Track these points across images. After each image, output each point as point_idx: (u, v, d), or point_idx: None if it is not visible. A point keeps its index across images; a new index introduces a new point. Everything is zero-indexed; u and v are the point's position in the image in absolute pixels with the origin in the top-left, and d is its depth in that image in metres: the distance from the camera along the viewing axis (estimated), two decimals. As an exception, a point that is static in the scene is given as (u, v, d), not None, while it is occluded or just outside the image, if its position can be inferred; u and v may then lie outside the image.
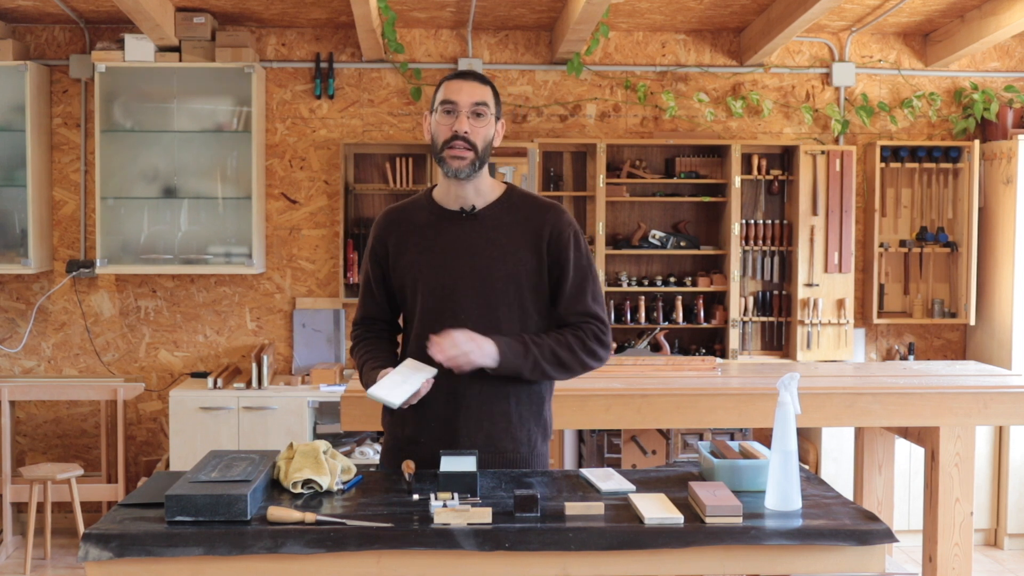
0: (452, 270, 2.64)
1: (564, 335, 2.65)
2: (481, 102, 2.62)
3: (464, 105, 2.60)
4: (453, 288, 2.63)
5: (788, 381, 2.37)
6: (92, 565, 2.14)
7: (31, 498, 4.95)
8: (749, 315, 5.64)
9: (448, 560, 2.17)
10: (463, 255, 2.64)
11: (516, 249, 2.64)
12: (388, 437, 2.77)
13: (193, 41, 5.31)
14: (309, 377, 5.40)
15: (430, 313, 2.65)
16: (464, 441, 2.63)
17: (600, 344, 2.67)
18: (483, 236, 2.65)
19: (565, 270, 2.65)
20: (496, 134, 2.68)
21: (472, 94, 2.61)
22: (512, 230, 2.65)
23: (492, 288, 2.63)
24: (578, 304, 2.67)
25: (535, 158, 5.39)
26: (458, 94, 2.61)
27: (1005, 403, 3.86)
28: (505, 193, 2.71)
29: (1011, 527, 5.38)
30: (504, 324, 2.62)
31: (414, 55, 5.66)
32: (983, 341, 5.67)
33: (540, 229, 2.65)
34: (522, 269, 2.64)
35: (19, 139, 5.29)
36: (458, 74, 2.66)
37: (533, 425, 2.71)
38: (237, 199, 5.38)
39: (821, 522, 2.26)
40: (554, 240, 2.65)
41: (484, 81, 2.66)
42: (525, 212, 2.67)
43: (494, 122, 2.65)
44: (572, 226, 2.69)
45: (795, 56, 5.77)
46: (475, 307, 2.62)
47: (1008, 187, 5.44)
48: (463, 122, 2.59)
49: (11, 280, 5.60)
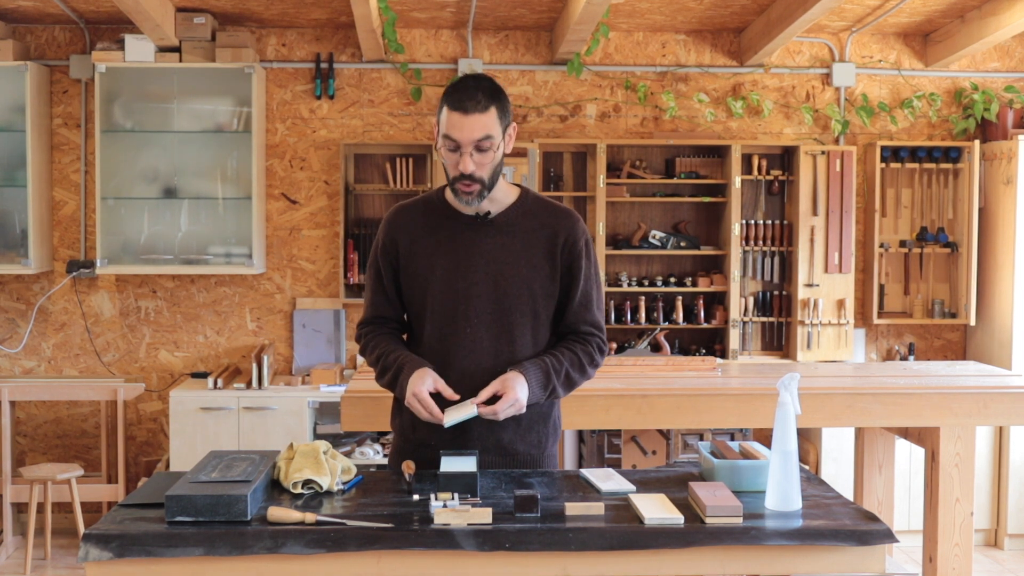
0: (466, 275, 2.62)
1: (576, 354, 2.65)
2: (484, 137, 2.50)
3: (466, 144, 2.50)
4: (467, 293, 2.61)
5: (788, 381, 2.37)
6: (92, 565, 2.14)
7: (31, 498, 4.96)
8: (749, 315, 5.64)
9: (448, 560, 2.17)
10: (477, 260, 2.62)
11: (531, 255, 2.62)
12: (398, 439, 2.76)
13: (193, 41, 5.31)
14: (309, 377, 5.40)
15: (443, 317, 2.63)
16: (475, 445, 2.63)
17: (602, 354, 2.71)
18: (498, 241, 2.63)
19: (576, 279, 2.65)
20: (506, 145, 2.58)
21: (473, 131, 2.49)
22: (527, 236, 2.63)
23: (506, 294, 2.61)
24: (586, 315, 2.67)
25: (535, 158, 5.39)
26: (459, 132, 2.49)
27: (1005, 403, 3.85)
28: (520, 198, 2.68)
29: (1011, 527, 5.38)
30: (516, 330, 2.62)
31: (414, 55, 5.66)
32: (983, 341, 5.67)
33: (555, 236, 2.63)
34: (536, 275, 2.62)
35: (19, 139, 5.29)
36: (459, 104, 2.49)
37: (542, 427, 2.71)
38: (237, 199, 5.38)
39: (821, 522, 2.26)
40: (568, 248, 2.64)
41: (487, 105, 2.51)
42: (541, 218, 2.65)
43: (502, 142, 2.56)
44: (585, 234, 2.68)
45: (795, 56, 5.77)
46: (488, 312, 2.61)
47: (1008, 187, 5.44)
48: (467, 163, 2.51)
49: (11, 280, 5.60)
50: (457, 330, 2.61)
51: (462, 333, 2.61)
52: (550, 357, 2.62)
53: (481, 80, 2.56)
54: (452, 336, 2.62)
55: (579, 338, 2.68)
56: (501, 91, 2.58)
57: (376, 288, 2.74)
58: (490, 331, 2.60)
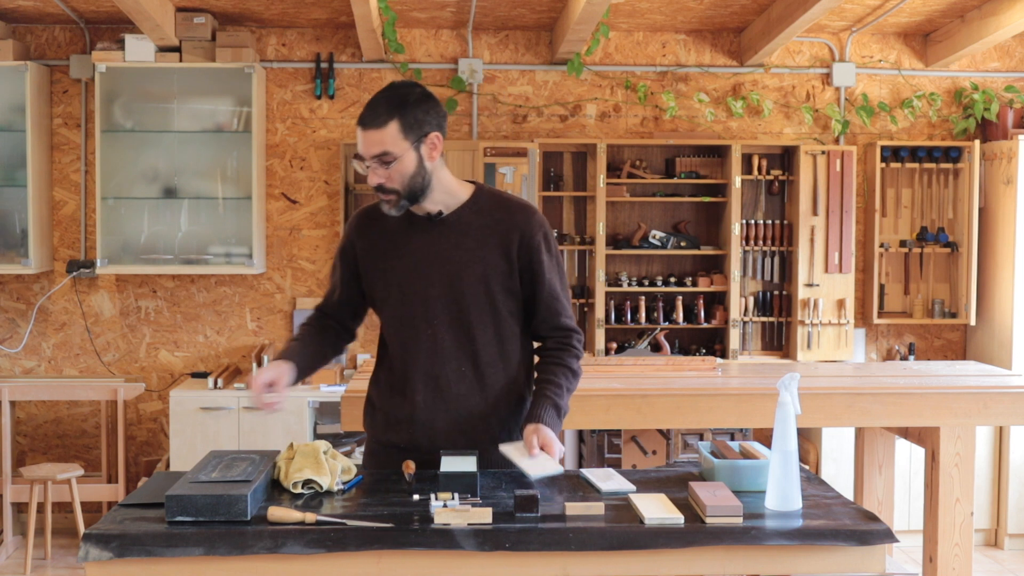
0: (423, 276, 2.62)
1: (564, 370, 2.65)
2: (379, 153, 2.48)
3: (367, 158, 2.51)
4: (424, 295, 2.61)
5: (788, 381, 2.37)
6: (92, 565, 2.14)
7: (31, 498, 4.96)
8: (749, 315, 5.64)
9: (448, 560, 2.17)
10: (433, 261, 2.62)
11: (485, 252, 2.61)
12: (371, 441, 2.77)
13: (193, 41, 5.31)
14: (309, 377, 5.39)
15: (402, 321, 2.64)
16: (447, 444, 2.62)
17: (580, 357, 2.72)
18: (451, 241, 2.62)
19: (538, 275, 2.63)
20: (427, 154, 2.53)
21: (370, 147, 2.49)
22: (480, 233, 2.61)
23: (463, 293, 2.60)
24: (557, 317, 2.67)
25: (535, 158, 5.39)
26: (360, 146, 2.52)
27: (1005, 403, 3.85)
28: (474, 195, 2.66)
29: (1011, 527, 5.38)
30: (477, 328, 2.62)
31: (414, 55, 5.66)
32: (983, 341, 5.67)
33: (509, 232, 2.61)
34: (492, 272, 2.61)
35: (19, 139, 5.29)
36: (361, 118, 2.50)
37: (513, 425, 2.70)
38: (237, 199, 5.38)
39: (821, 522, 2.26)
40: (524, 245, 2.61)
41: (386, 120, 2.47)
42: (495, 215, 2.63)
43: (411, 152, 2.50)
44: (542, 228, 2.65)
45: (795, 56, 5.77)
46: (447, 312, 2.61)
47: (1008, 187, 5.44)
48: (370, 176, 2.52)
49: (11, 280, 5.60)
50: (418, 333, 2.62)
51: (423, 335, 2.62)
52: (551, 388, 2.62)
53: (397, 89, 2.53)
54: (413, 339, 2.62)
55: (558, 345, 2.68)
56: (414, 101, 2.51)
57: (332, 285, 2.81)
58: (451, 331, 2.61)
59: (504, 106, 5.68)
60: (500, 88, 5.68)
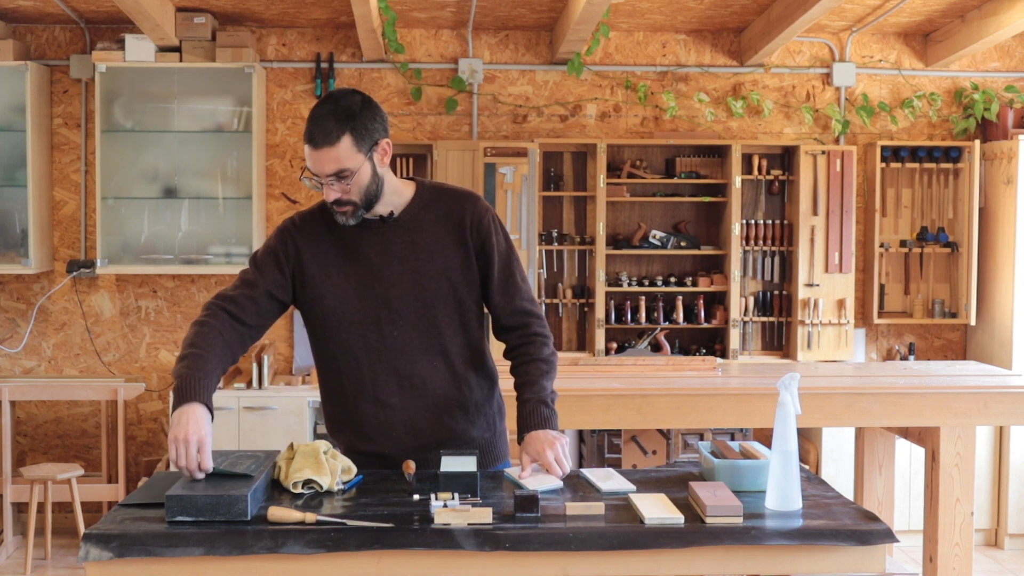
0: (382, 279, 2.60)
1: (536, 364, 2.63)
2: (336, 171, 2.45)
3: (322, 177, 2.46)
4: (386, 296, 2.60)
5: (788, 381, 2.37)
6: (92, 565, 2.14)
7: (31, 498, 4.96)
8: (749, 315, 5.64)
9: (448, 560, 2.17)
10: (391, 261, 2.60)
11: (442, 246, 2.62)
12: (345, 452, 2.71)
13: (193, 41, 5.31)
14: (309, 377, 5.40)
15: (364, 325, 2.60)
16: (431, 441, 2.62)
17: (548, 340, 2.68)
18: (406, 239, 2.61)
19: (491, 257, 2.64)
20: (379, 161, 2.51)
21: (325, 164, 2.45)
22: (433, 227, 2.62)
23: (426, 289, 2.60)
24: (513, 300, 2.66)
25: (535, 158, 5.39)
26: (314, 165, 2.46)
27: (1005, 403, 3.85)
28: (417, 192, 2.65)
29: (1011, 527, 5.38)
30: (443, 322, 2.62)
31: (414, 55, 5.66)
32: (983, 341, 5.67)
33: (461, 220, 2.62)
34: (451, 264, 2.62)
35: (19, 139, 5.29)
36: (310, 136, 2.44)
37: (487, 409, 2.71)
38: (237, 199, 5.38)
39: (821, 522, 2.26)
40: (475, 228, 2.62)
41: (338, 135, 2.43)
42: (443, 206, 2.64)
43: (366, 164, 2.48)
44: (490, 211, 2.67)
45: (795, 56, 5.77)
46: (412, 310, 2.60)
47: (1008, 187, 5.44)
48: (328, 193, 2.49)
49: (11, 280, 5.60)
50: (383, 335, 2.60)
51: (389, 337, 2.60)
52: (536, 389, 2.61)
53: (339, 101, 2.48)
54: (378, 342, 2.60)
55: (521, 341, 2.67)
56: (360, 110, 2.48)
57: (246, 285, 2.64)
58: (417, 329, 2.60)
59: (504, 106, 5.68)
60: (500, 88, 5.68)
